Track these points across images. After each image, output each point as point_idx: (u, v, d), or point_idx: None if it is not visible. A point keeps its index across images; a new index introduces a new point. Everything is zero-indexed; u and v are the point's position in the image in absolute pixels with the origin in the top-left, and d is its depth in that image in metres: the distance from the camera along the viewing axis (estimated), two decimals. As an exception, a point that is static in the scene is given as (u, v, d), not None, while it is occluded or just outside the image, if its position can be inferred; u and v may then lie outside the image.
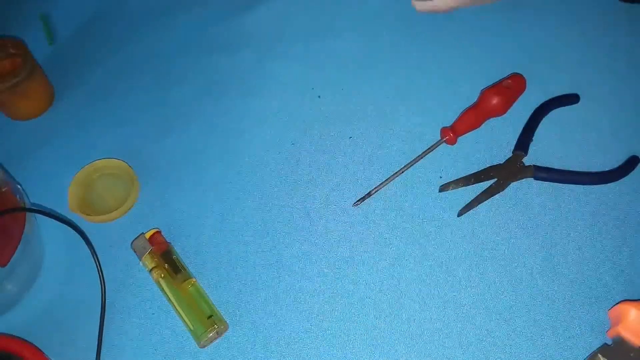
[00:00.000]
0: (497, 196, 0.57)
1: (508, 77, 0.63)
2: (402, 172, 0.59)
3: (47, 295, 0.56)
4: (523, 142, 0.59)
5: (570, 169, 0.58)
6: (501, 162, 0.59)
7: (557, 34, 0.68)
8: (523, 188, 0.58)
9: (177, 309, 0.53)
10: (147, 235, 0.56)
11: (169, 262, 0.54)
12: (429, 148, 0.60)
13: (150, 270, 0.54)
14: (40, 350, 0.51)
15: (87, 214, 0.58)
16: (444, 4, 0.65)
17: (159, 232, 0.57)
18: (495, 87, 0.62)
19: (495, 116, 0.62)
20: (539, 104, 0.62)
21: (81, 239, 0.54)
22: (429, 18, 0.71)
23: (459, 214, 0.57)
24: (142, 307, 0.54)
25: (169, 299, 0.53)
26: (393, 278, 0.54)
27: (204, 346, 0.52)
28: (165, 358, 0.51)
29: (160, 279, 0.54)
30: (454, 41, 0.69)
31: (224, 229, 0.58)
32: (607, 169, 0.58)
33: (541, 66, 0.65)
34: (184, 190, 0.61)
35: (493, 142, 0.61)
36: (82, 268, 0.56)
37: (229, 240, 0.57)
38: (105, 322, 0.53)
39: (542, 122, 0.61)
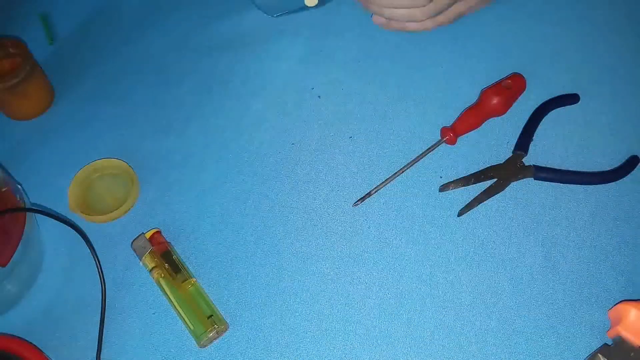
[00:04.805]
0: (497, 196, 0.57)
1: (508, 77, 0.63)
2: (402, 172, 0.59)
3: (47, 295, 0.56)
4: (523, 142, 0.59)
5: (570, 169, 0.58)
6: (501, 162, 0.59)
7: (557, 34, 0.68)
8: (523, 188, 0.58)
9: (177, 309, 0.53)
10: (147, 235, 0.56)
11: (169, 262, 0.54)
12: (429, 148, 0.60)
13: (150, 270, 0.54)
14: (40, 350, 0.51)
15: (87, 214, 0.58)
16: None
17: (159, 232, 0.57)
18: (495, 87, 0.62)
19: (495, 116, 0.62)
20: (539, 104, 0.62)
21: (81, 239, 0.54)
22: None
23: (459, 214, 0.57)
24: (142, 307, 0.54)
25: (169, 299, 0.53)
26: (393, 278, 0.54)
27: (204, 346, 0.52)
28: (165, 358, 0.51)
29: (160, 278, 0.54)
30: (454, 41, 0.69)
31: (224, 229, 0.58)
32: (607, 169, 0.58)
33: (541, 66, 0.65)
34: (184, 190, 0.61)
35: (493, 142, 0.61)
36: (82, 268, 0.56)
37: (229, 240, 0.57)
38: (105, 322, 0.53)
39: (542, 122, 0.61)
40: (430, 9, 0.61)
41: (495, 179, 0.58)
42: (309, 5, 0.57)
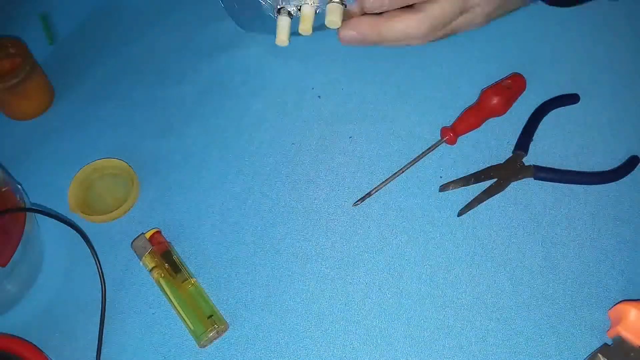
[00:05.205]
0: (497, 196, 0.57)
1: (508, 77, 0.63)
2: (402, 172, 0.59)
3: (47, 295, 0.56)
4: (523, 142, 0.60)
5: (570, 169, 0.58)
6: (501, 162, 0.59)
7: (557, 34, 0.68)
8: (523, 188, 0.58)
9: (177, 309, 0.53)
10: (147, 235, 0.56)
11: (169, 262, 0.54)
12: (429, 148, 0.60)
13: (150, 270, 0.54)
14: (40, 350, 0.51)
15: (87, 214, 0.58)
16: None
17: (159, 232, 0.57)
18: (495, 87, 0.62)
19: (495, 116, 0.62)
20: (539, 104, 0.62)
21: (81, 239, 0.54)
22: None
23: (459, 214, 0.57)
24: (142, 307, 0.54)
25: (169, 299, 0.53)
26: (393, 278, 0.54)
27: (204, 346, 0.52)
28: (165, 358, 0.51)
29: (160, 278, 0.54)
30: (454, 41, 0.68)
31: (224, 229, 0.58)
32: (607, 169, 0.58)
33: (541, 66, 0.65)
34: (184, 190, 0.61)
35: (493, 142, 0.61)
36: (82, 268, 0.56)
37: (229, 240, 0.57)
38: (105, 322, 0.53)
39: (542, 122, 0.61)
40: (428, 38, 0.60)
41: (495, 179, 0.58)
42: (279, 45, 0.56)
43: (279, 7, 0.55)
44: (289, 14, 0.56)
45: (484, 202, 0.57)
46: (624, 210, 0.56)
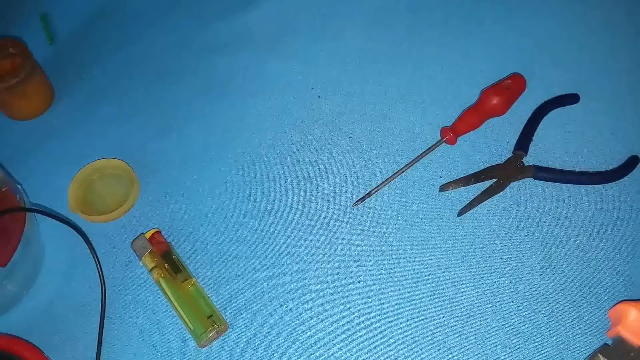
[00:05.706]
0: (497, 196, 0.57)
1: (508, 77, 0.63)
2: (402, 172, 0.59)
3: (47, 295, 0.56)
4: (523, 142, 0.60)
5: (570, 169, 0.58)
6: (501, 162, 0.59)
7: (558, 34, 0.68)
8: (523, 188, 0.58)
9: (177, 309, 0.53)
10: (147, 235, 0.56)
11: (169, 262, 0.54)
12: (429, 148, 0.60)
13: (150, 270, 0.54)
14: (40, 350, 0.51)
15: (87, 214, 0.58)
16: None
17: (159, 232, 0.57)
18: (495, 87, 0.62)
19: (495, 116, 0.62)
20: (539, 104, 0.62)
21: (81, 239, 0.54)
22: (429, 18, 0.71)
23: (459, 214, 0.57)
24: (142, 307, 0.54)
25: (169, 299, 0.53)
26: (393, 278, 0.54)
27: (203, 346, 0.52)
28: (165, 358, 0.51)
29: (160, 278, 0.54)
30: (454, 41, 0.69)
31: (224, 229, 0.58)
32: (607, 169, 0.58)
33: (541, 66, 0.65)
34: (184, 190, 0.61)
35: (493, 142, 0.61)
36: (82, 268, 0.56)
37: (229, 240, 0.57)
38: (105, 322, 0.53)
39: (542, 122, 0.61)
40: None
41: (495, 179, 0.58)
42: None
43: None
44: None
45: (484, 202, 0.57)
46: (624, 210, 0.56)
